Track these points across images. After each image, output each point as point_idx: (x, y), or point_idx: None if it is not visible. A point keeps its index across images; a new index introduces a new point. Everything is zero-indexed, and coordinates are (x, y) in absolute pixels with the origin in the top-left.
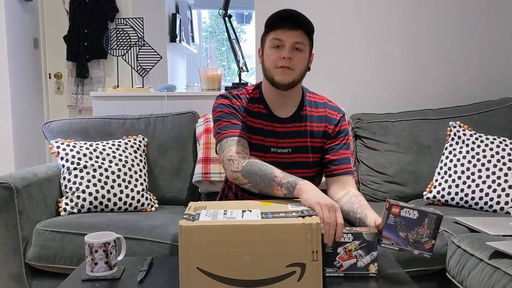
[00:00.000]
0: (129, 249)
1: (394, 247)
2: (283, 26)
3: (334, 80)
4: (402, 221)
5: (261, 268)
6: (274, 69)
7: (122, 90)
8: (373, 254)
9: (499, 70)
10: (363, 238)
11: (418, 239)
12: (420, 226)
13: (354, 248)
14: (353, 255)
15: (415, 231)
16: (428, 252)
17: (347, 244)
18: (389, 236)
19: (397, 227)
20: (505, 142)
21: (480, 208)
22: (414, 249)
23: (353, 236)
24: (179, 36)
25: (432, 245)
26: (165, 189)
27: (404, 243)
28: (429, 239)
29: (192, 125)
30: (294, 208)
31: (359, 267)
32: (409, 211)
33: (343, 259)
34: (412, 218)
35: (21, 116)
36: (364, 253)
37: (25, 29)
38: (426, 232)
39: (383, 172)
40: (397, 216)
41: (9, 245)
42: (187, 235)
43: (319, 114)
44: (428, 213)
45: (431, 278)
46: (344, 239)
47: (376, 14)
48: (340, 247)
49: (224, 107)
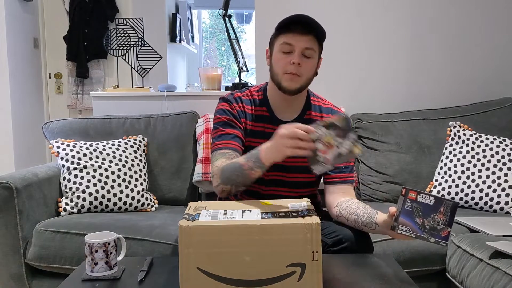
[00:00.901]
0: (129, 249)
1: (411, 234)
2: (294, 30)
3: (334, 80)
4: (419, 207)
5: (261, 268)
6: (283, 74)
7: (122, 90)
8: (350, 136)
9: (499, 70)
10: (335, 125)
11: (435, 226)
12: (437, 213)
13: (332, 138)
14: (333, 144)
15: (431, 218)
16: (444, 240)
17: (323, 136)
18: (406, 222)
19: (413, 213)
20: (505, 142)
21: (480, 208)
22: (430, 237)
23: (325, 127)
24: (179, 36)
25: (448, 233)
26: (165, 189)
27: (421, 230)
28: (445, 226)
29: (192, 125)
30: (294, 208)
31: (343, 155)
32: (425, 196)
33: (325, 152)
34: (428, 204)
35: (21, 116)
36: (342, 139)
37: (25, 29)
38: (443, 219)
39: (383, 172)
40: (414, 201)
41: (9, 245)
42: (187, 235)
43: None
44: (444, 200)
45: (431, 278)
46: (318, 133)
47: (377, 14)
48: (317, 142)
49: (223, 114)
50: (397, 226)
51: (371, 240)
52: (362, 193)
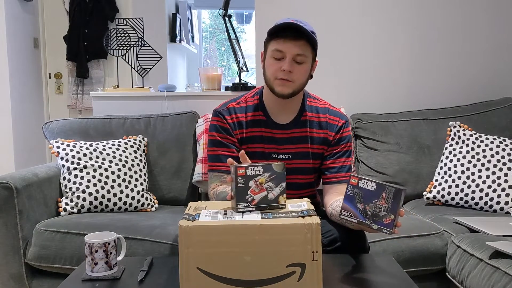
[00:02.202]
0: (129, 249)
1: (353, 219)
2: (285, 36)
3: (334, 80)
4: (360, 192)
5: (261, 268)
6: (274, 80)
7: (122, 90)
8: (282, 186)
9: (499, 70)
10: (272, 170)
11: (376, 213)
12: (378, 199)
13: (265, 180)
14: (264, 187)
15: (373, 204)
16: (387, 228)
17: (258, 177)
18: (348, 207)
19: (355, 198)
20: (505, 142)
21: (480, 208)
22: (372, 223)
23: (263, 169)
24: (179, 36)
25: (391, 220)
26: (165, 189)
27: (362, 216)
28: (388, 213)
29: (192, 125)
30: (294, 208)
31: (269, 199)
32: (367, 182)
33: (254, 192)
34: (370, 190)
35: (21, 116)
36: (274, 184)
37: (25, 29)
38: (385, 205)
39: (383, 172)
40: (355, 187)
41: (9, 245)
42: (187, 235)
43: (320, 120)
44: (386, 185)
45: (431, 278)
46: (255, 172)
47: (377, 14)
48: (251, 181)
49: (215, 131)
50: (340, 211)
51: (366, 240)
52: None
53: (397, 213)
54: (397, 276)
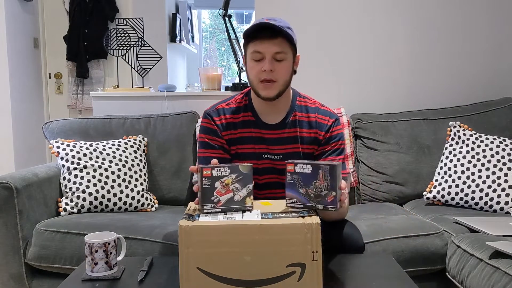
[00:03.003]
0: (129, 249)
1: (299, 205)
2: (261, 37)
3: (334, 80)
4: (299, 178)
5: (261, 268)
6: (258, 83)
7: (122, 90)
8: (249, 187)
9: (499, 70)
10: (239, 171)
11: (318, 193)
12: (316, 179)
13: (231, 181)
14: (230, 189)
15: (313, 185)
16: (332, 205)
17: (224, 178)
18: (291, 195)
19: (295, 184)
20: (505, 142)
21: (480, 208)
22: (317, 204)
23: (229, 170)
24: (179, 36)
25: (333, 197)
26: (165, 189)
27: (307, 199)
28: (329, 191)
29: (192, 125)
30: (294, 208)
31: (236, 201)
32: (303, 166)
33: (220, 193)
34: (307, 172)
35: (21, 116)
36: (241, 186)
37: (25, 29)
38: (324, 184)
39: (383, 172)
40: (293, 173)
41: (9, 245)
42: (187, 235)
43: (309, 120)
44: (320, 165)
45: (431, 278)
46: (221, 173)
47: (377, 14)
48: (217, 181)
49: (204, 133)
50: (286, 200)
51: (361, 239)
52: (362, 193)
53: (337, 188)
54: (397, 276)
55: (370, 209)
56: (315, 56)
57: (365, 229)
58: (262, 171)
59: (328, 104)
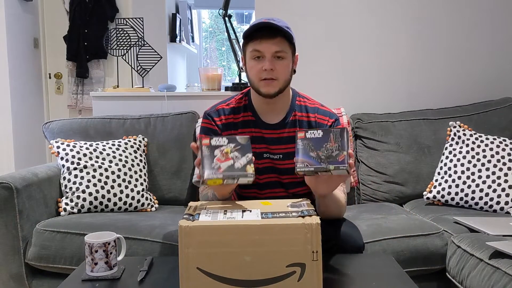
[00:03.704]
0: (129, 249)
1: (310, 168)
2: (261, 37)
3: (334, 80)
4: (309, 142)
5: (261, 268)
6: (258, 81)
7: (122, 90)
8: (249, 156)
9: (499, 70)
10: (237, 141)
11: (329, 154)
12: (328, 142)
13: (230, 150)
14: (230, 157)
15: (324, 148)
16: (342, 164)
17: (223, 147)
18: (302, 159)
19: (306, 149)
20: (505, 142)
21: (480, 208)
22: (328, 165)
23: (227, 140)
24: (179, 36)
25: (344, 157)
26: (165, 189)
27: (318, 162)
28: (340, 151)
29: (192, 125)
30: (294, 208)
31: (236, 168)
32: (313, 132)
33: (220, 160)
34: (318, 137)
35: (21, 116)
36: (240, 155)
37: (25, 29)
38: (335, 145)
39: (383, 172)
40: (304, 139)
41: (9, 245)
42: (187, 235)
43: (309, 120)
44: (331, 129)
45: (431, 278)
46: (220, 143)
47: (377, 14)
48: (216, 149)
49: (204, 133)
50: (295, 165)
51: (360, 239)
52: (362, 193)
53: (347, 149)
54: (397, 276)
55: (370, 209)
56: (315, 56)
57: (365, 229)
58: (262, 171)
59: (328, 104)
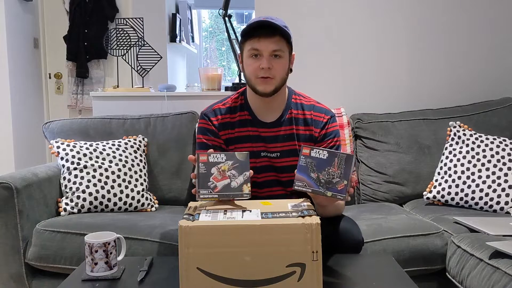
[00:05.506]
0: (129, 249)
1: (307, 189)
2: (259, 35)
3: (334, 80)
4: (313, 162)
5: (261, 268)
6: (255, 79)
7: (122, 90)
8: (246, 174)
9: (499, 70)
10: (235, 158)
11: (330, 179)
12: (331, 166)
13: (228, 168)
14: (227, 175)
15: (326, 171)
16: (341, 194)
17: (221, 164)
18: (301, 177)
19: (308, 168)
20: (505, 142)
21: (480, 208)
22: (326, 191)
23: (225, 157)
24: (179, 36)
25: (344, 186)
26: (165, 189)
27: (316, 184)
28: (341, 179)
29: (192, 125)
30: (294, 208)
31: (233, 188)
32: (319, 151)
33: (217, 179)
34: (322, 158)
35: (21, 116)
36: (237, 173)
37: (25, 29)
38: (337, 172)
39: (383, 172)
40: (308, 157)
41: (9, 245)
42: (187, 235)
43: (305, 117)
44: (338, 153)
45: (431, 278)
46: (218, 159)
47: (378, 15)
48: (213, 167)
49: (201, 133)
50: (294, 182)
51: (359, 234)
52: (362, 193)
53: (349, 178)
54: (397, 276)
55: (370, 209)
56: (315, 56)
57: (365, 229)
58: (260, 169)
59: (328, 104)
